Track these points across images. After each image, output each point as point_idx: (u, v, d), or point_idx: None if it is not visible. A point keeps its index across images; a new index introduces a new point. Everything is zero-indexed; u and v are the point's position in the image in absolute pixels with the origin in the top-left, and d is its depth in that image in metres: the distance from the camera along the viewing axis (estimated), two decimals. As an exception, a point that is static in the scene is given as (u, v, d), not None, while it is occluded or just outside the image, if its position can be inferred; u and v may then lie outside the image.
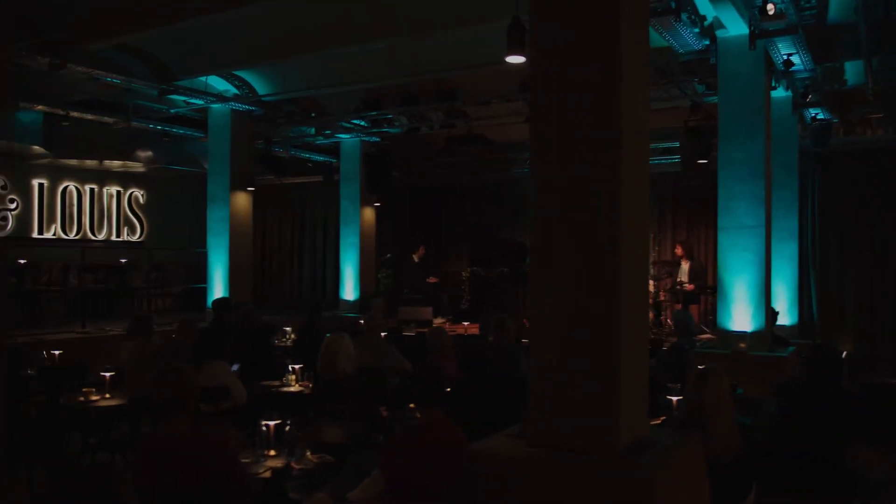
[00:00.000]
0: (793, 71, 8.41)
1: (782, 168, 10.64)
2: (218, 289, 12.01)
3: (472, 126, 12.12)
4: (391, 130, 13.31)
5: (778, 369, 7.53)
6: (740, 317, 7.91)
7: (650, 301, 12.17)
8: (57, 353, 7.10)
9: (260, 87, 11.76)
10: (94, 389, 6.04)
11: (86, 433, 6.06)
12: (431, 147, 15.15)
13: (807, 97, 8.86)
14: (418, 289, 14.57)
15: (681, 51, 8.22)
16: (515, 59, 6.52)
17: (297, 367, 6.77)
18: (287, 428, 4.23)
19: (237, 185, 12.27)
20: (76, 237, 14.17)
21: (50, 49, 8.97)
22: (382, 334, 8.01)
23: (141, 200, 15.44)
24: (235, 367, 6.64)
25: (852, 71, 10.09)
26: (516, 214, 16.00)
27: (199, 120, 12.76)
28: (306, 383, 6.70)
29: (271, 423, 4.11)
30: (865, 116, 11.25)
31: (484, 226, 16.59)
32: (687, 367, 6.72)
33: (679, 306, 11.85)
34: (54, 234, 13.87)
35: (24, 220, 13.39)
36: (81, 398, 5.93)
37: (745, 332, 7.86)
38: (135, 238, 15.26)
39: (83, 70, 9.76)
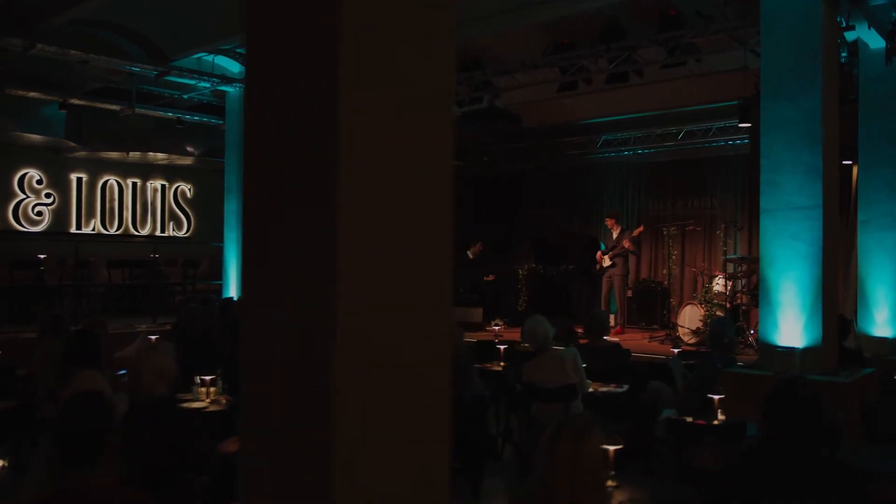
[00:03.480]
0: (865, -1, 6.33)
1: (884, 138, 8.44)
2: (233, 286, 11.18)
3: (506, 105, 10.59)
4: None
5: (839, 399, 5.58)
6: (789, 328, 5.98)
7: (727, 304, 10.22)
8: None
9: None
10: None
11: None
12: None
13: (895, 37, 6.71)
14: (474, 288, 13.24)
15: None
16: None
17: (207, 377, 5.66)
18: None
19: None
20: (118, 232, 13.84)
21: (17, 28, 8.38)
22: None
23: (188, 194, 14.94)
24: (123, 373, 5.66)
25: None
26: (589, 205, 14.29)
27: (221, 107, 12.00)
28: (224, 398, 5.59)
29: None
30: None
31: (552, 218, 14.91)
32: (715, 389, 4.99)
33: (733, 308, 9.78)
34: (93, 229, 13.57)
35: (61, 214, 13.15)
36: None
37: (793, 349, 5.93)
38: (181, 233, 14.78)
39: (77, 53, 9.22)
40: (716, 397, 4.77)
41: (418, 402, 2.37)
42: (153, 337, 7.54)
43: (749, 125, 7.57)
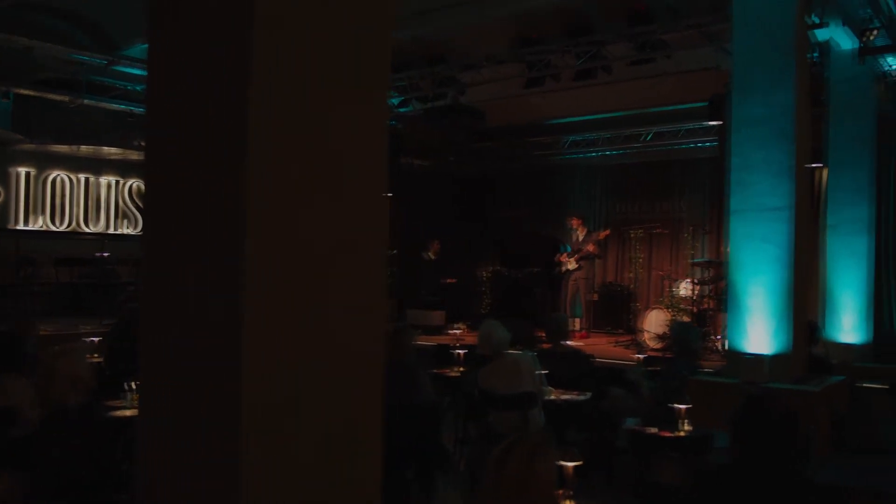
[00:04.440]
0: (838, -7, 6.13)
1: (852, 141, 8.33)
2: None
3: (471, 102, 10.29)
4: (402, 110, 11.61)
5: (808, 409, 5.35)
6: (758, 334, 5.75)
7: (693, 309, 10.02)
8: None
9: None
10: None
11: None
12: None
13: (869, 34, 6.52)
14: (436, 291, 12.92)
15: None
16: None
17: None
18: None
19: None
20: (66, 229, 13.26)
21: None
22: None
23: (143, 191, 14.39)
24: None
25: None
26: (555, 207, 14.04)
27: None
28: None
29: None
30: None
31: (517, 220, 14.63)
32: (682, 398, 4.72)
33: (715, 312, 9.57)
34: (42, 226, 12.98)
35: (3, 210, 12.55)
36: None
37: (762, 356, 5.69)
38: (135, 231, 14.23)
39: (20, 39, 8.74)
40: (682, 407, 4.51)
41: (339, 414, 2.07)
42: (95, 339, 7.12)
43: (720, 122, 7.34)
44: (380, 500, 2.23)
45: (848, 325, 8.21)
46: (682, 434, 4.39)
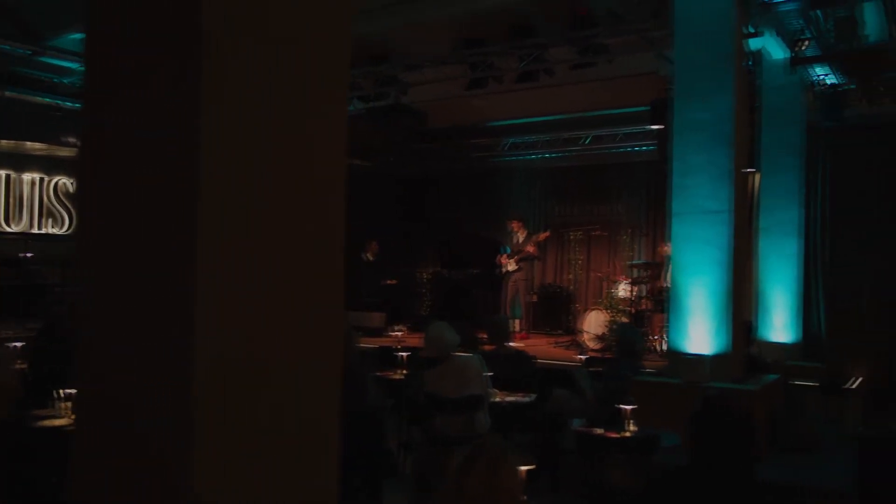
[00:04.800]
0: (776, 2, 6.29)
1: (783, 147, 8.60)
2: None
3: (413, 102, 10.21)
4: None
5: (748, 407, 5.45)
6: (698, 335, 5.85)
7: (631, 310, 10.19)
8: None
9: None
10: None
11: None
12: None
13: (800, 44, 6.73)
14: (375, 292, 12.79)
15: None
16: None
17: (71, 391, 4.98)
18: None
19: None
20: (-15, 228, 12.63)
21: None
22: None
23: (69, 188, 13.82)
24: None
25: (873, 23, 7.93)
26: (495, 208, 14.08)
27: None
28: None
29: None
30: (893, 83, 8.98)
31: (458, 221, 14.63)
32: (626, 399, 4.74)
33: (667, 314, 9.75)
34: (-43, 225, 12.33)
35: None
36: None
37: (703, 356, 5.80)
38: (60, 230, 13.65)
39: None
40: (627, 408, 4.55)
41: (296, 421, 1.98)
42: (18, 344, 6.75)
43: (661, 127, 7.47)
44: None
45: (779, 324, 8.47)
46: (628, 434, 4.42)
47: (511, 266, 11.34)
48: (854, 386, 7.73)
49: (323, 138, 2.10)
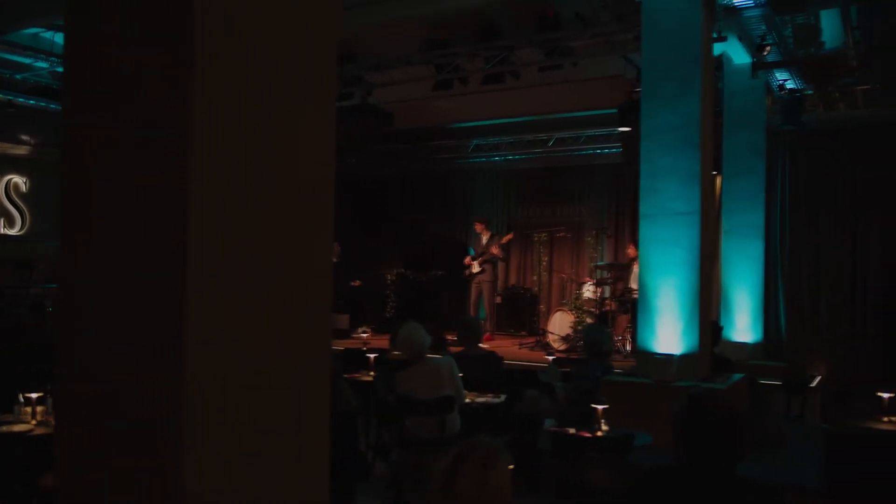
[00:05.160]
0: (740, 7, 6.40)
1: (745, 150, 8.76)
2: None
3: (378, 103, 10.15)
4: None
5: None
6: (666, 335, 5.92)
7: (597, 311, 10.27)
8: None
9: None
10: None
11: None
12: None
13: (763, 50, 6.86)
14: (340, 294, 12.68)
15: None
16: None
17: (33, 395, 4.82)
18: None
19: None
20: (-65, 229, 12.22)
21: None
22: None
23: (22, 188, 13.44)
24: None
25: (830, 30, 8.12)
26: (460, 210, 14.09)
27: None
28: (53, 419, 4.76)
29: None
30: (849, 88, 9.23)
31: (423, 223, 14.59)
32: (596, 399, 4.75)
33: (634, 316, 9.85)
34: None
35: None
36: None
37: (671, 356, 5.86)
38: (14, 231, 13.26)
39: None
40: (599, 407, 4.57)
41: (289, 421, 1.95)
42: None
43: (628, 129, 7.54)
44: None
45: (742, 324, 8.62)
46: (602, 434, 4.44)
47: (475, 268, 11.36)
48: (814, 384, 7.90)
49: (313, 138, 2.07)
